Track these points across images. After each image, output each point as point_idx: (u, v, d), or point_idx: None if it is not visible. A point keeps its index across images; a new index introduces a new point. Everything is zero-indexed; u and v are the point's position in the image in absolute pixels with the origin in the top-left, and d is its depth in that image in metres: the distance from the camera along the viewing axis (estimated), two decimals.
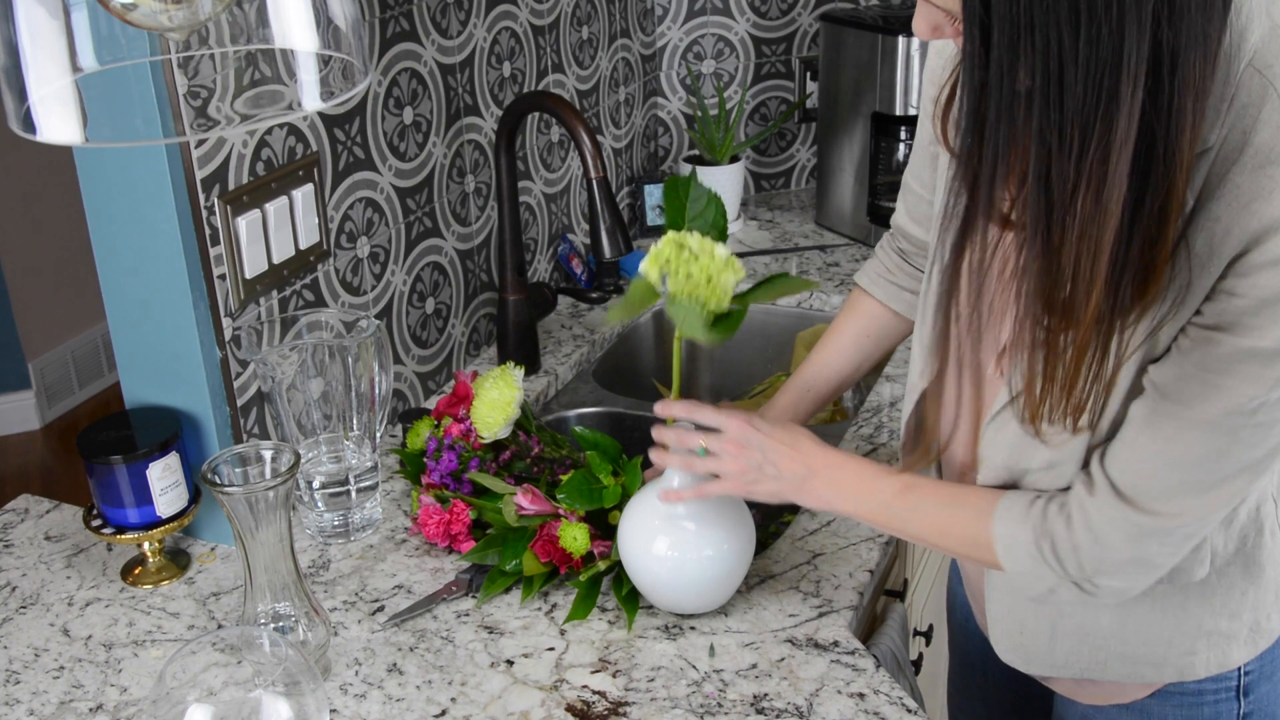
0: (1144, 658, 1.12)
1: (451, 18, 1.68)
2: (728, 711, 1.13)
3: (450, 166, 1.73)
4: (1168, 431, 0.93)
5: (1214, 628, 1.10)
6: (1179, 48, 0.79)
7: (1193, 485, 0.94)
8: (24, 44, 0.75)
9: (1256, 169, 0.84)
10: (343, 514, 1.40)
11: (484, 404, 1.41)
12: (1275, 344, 0.86)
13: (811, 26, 2.44)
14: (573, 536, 1.27)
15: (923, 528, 1.11)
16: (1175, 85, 0.80)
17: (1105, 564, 0.99)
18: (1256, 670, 1.14)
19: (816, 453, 1.15)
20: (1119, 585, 1.01)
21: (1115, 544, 0.98)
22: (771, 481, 1.16)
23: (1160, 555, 0.98)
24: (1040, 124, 0.81)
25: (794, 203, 2.49)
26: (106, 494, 1.31)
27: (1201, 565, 1.06)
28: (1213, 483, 0.94)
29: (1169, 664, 1.12)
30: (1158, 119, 0.80)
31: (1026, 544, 1.02)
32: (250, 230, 1.34)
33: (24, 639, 1.27)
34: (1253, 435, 0.91)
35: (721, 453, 1.16)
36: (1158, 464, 0.94)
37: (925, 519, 1.10)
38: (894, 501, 1.11)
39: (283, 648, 1.00)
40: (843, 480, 1.14)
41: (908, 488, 1.11)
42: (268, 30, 0.81)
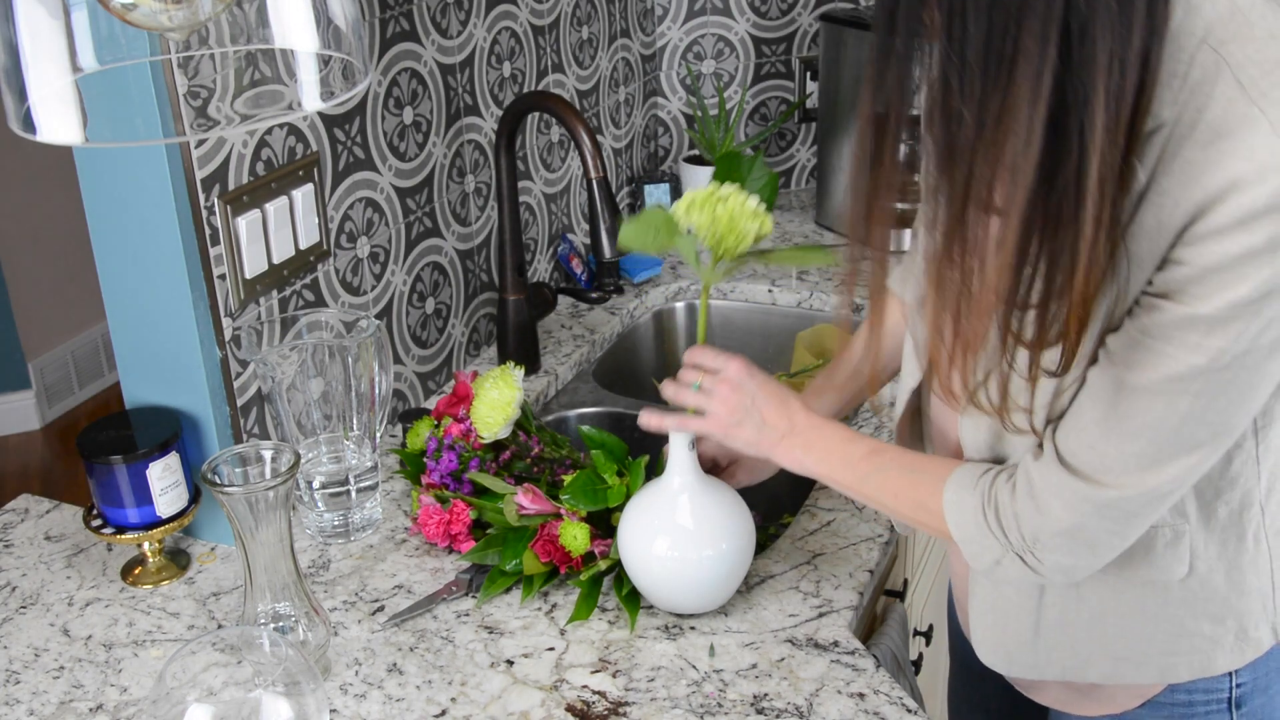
0: (1125, 657, 1.11)
1: (451, 18, 1.68)
2: (728, 711, 1.13)
3: (450, 166, 1.73)
4: (1110, 397, 0.93)
5: (1196, 630, 1.09)
6: (1091, 18, 0.80)
7: (1132, 456, 0.94)
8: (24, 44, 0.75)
9: (1206, 144, 0.85)
10: (343, 514, 1.40)
11: (484, 404, 1.41)
12: (1216, 311, 0.86)
13: (811, 26, 2.44)
14: (573, 536, 1.27)
15: (880, 489, 1.12)
16: (1085, 54, 0.81)
17: (1044, 533, 0.99)
18: (1250, 683, 1.13)
19: (801, 414, 1.17)
20: (1062, 561, 1.00)
21: (1054, 512, 0.97)
22: (753, 430, 1.18)
23: (1101, 530, 0.97)
24: (944, 60, 0.83)
25: (794, 203, 2.49)
26: (106, 494, 1.31)
27: (1180, 563, 1.05)
28: (1152, 456, 0.93)
29: (1150, 664, 1.11)
30: (1071, 86, 0.81)
31: (973, 510, 1.02)
32: (250, 230, 1.34)
33: (24, 639, 1.27)
34: (1191, 408, 0.90)
35: (714, 391, 1.19)
36: (1098, 431, 0.94)
37: (884, 482, 1.11)
38: (859, 463, 1.13)
39: (283, 648, 1.00)
40: (818, 440, 1.16)
41: (875, 451, 1.13)
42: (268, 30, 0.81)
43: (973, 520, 1.03)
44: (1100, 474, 0.95)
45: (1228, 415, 0.92)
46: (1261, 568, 1.08)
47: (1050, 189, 0.85)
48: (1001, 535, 1.01)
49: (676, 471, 1.21)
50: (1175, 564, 1.05)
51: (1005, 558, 1.02)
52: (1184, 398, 0.90)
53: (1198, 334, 0.87)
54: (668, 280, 2.12)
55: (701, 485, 1.22)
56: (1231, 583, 1.07)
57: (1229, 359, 0.88)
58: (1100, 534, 0.98)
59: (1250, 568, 1.07)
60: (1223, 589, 1.07)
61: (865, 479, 1.13)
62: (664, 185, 2.30)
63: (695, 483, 1.21)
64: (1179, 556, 1.05)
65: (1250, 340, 0.87)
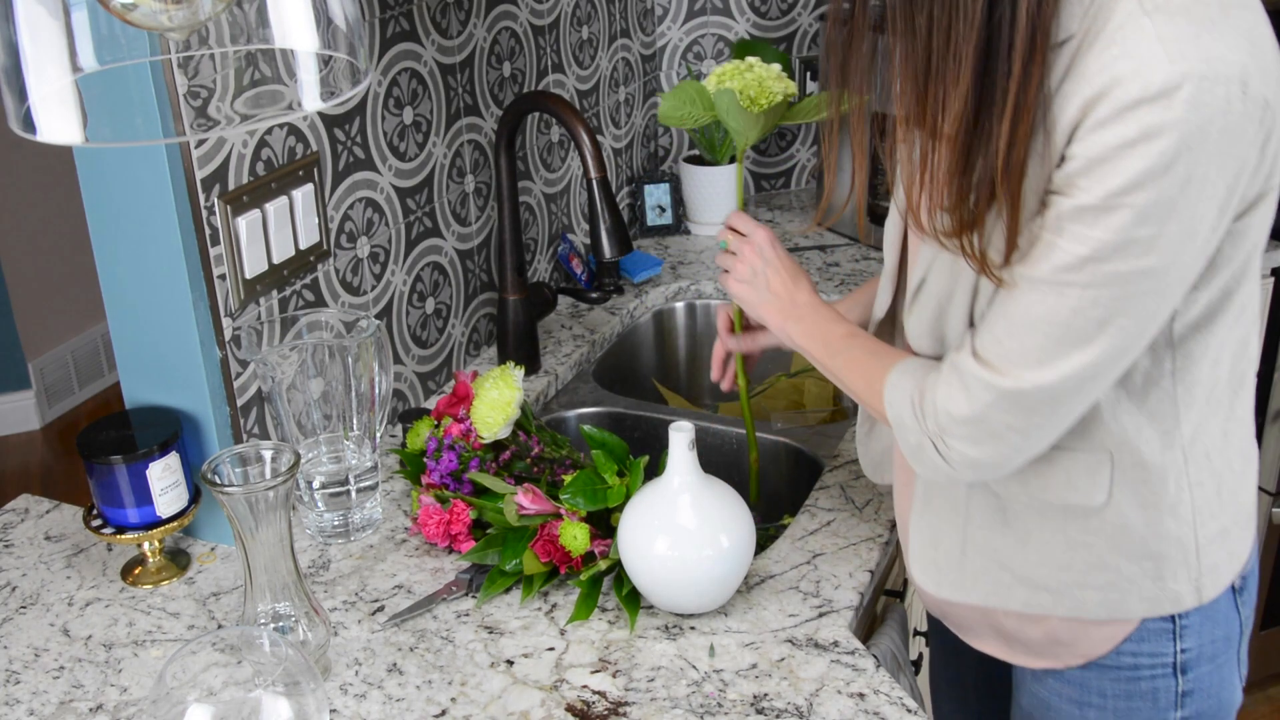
0: (1043, 585, 1.14)
1: (451, 18, 1.68)
2: (728, 711, 1.13)
3: (450, 166, 1.73)
4: (1013, 292, 0.99)
5: (1113, 565, 1.11)
6: None
7: (1030, 349, 0.99)
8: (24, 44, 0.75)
9: (1102, 50, 0.92)
10: (343, 514, 1.40)
11: (484, 404, 1.41)
12: (1096, 201, 0.92)
13: (811, 26, 2.44)
14: (573, 535, 1.27)
15: (843, 365, 1.20)
16: None
17: (952, 420, 1.04)
18: (1194, 649, 1.15)
19: (805, 293, 1.28)
20: (968, 451, 1.05)
21: (961, 400, 1.03)
22: (759, 292, 1.30)
23: (1000, 423, 1.02)
24: None
25: (794, 203, 2.49)
26: (106, 494, 1.31)
27: (1099, 491, 1.09)
28: (1047, 349, 0.98)
29: (1065, 595, 1.14)
30: None
31: (907, 392, 1.09)
32: (250, 230, 1.34)
33: (24, 639, 1.27)
34: (1079, 301, 0.95)
35: (739, 250, 1.32)
36: (1004, 325, 1.00)
37: (848, 359, 1.20)
38: (835, 340, 1.22)
39: (283, 648, 1.00)
40: (808, 316, 1.26)
41: (851, 334, 1.22)
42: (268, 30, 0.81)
43: (903, 402, 1.10)
44: (1001, 364, 1.01)
45: (1114, 311, 0.96)
46: (1182, 516, 1.10)
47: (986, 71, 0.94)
48: (922, 418, 1.07)
49: (676, 471, 1.22)
50: (1094, 491, 1.09)
51: (923, 443, 1.08)
52: (1072, 290, 0.95)
53: (1082, 225, 0.93)
54: (668, 280, 2.12)
55: (701, 485, 1.22)
56: (1148, 522, 1.10)
57: (1110, 251, 0.93)
58: (1000, 426, 1.03)
59: (1169, 513, 1.09)
60: (1140, 528, 1.10)
61: (835, 354, 1.22)
62: (664, 185, 2.30)
63: (695, 483, 1.21)
64: (1098, 485, 1.09)
65: (1127, 232, 0.92)
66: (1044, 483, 1.10)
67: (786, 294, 1.28)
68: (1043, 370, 0.99)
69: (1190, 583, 1.12)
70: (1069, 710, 1.20)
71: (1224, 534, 1.13)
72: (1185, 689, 1.16)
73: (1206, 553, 1.12)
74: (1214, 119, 0.89)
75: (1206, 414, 1.08)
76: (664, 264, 2.17)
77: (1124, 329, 0.97)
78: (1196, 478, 1.09)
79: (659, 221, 2.31)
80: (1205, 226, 0.94)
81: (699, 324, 2.13)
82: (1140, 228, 0.92)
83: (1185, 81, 0.88)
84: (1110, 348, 0.98)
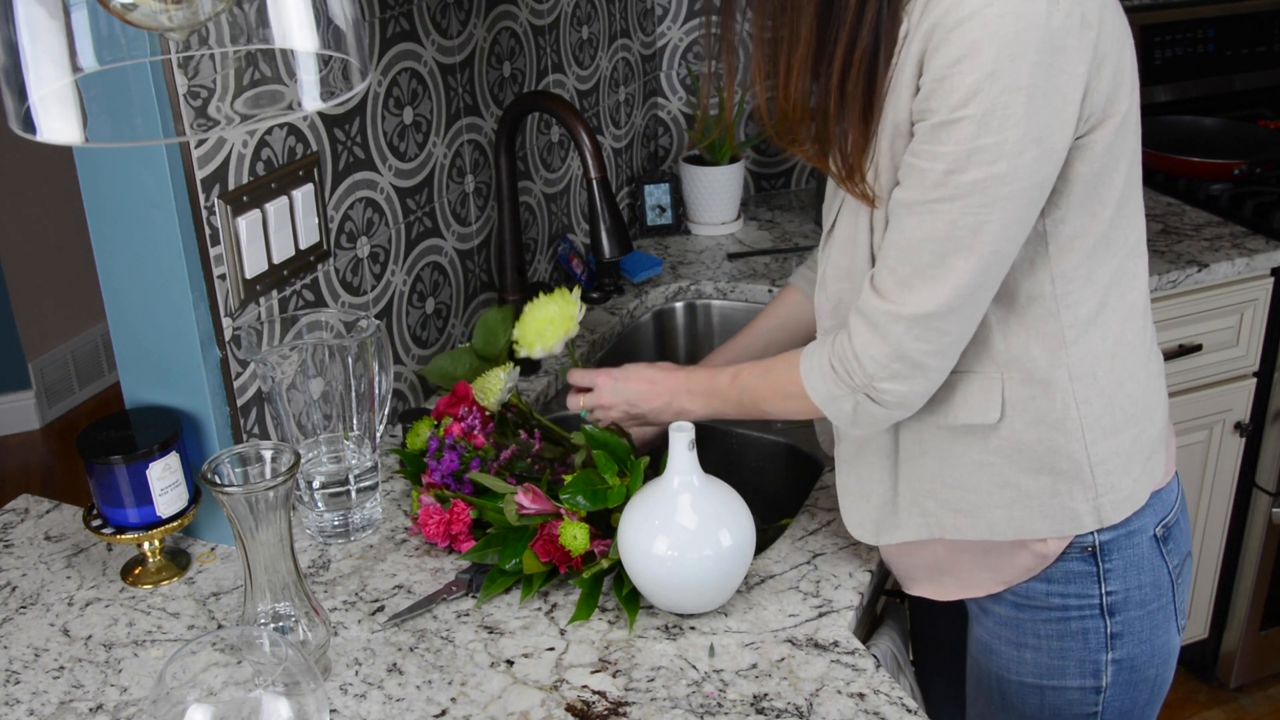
0: (957, 506, 1.22)
1: (451, 18, 1.68)
2: (728, 711, 1.13)
3: (450, 166, 1.73)
4: (896, 220, 1.09)
5: (1015, 482, 1.19)
6: None
7: (923, 269, 1.08)
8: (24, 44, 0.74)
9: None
10: (343, 514, 1.40)
11: (539, 320, 1.44)
12: (943, 117, 1.02)
13: None
14: (572, 535, 1.27)
15: (753, 400, 1.28)
16: None
17: (876, 361, 1.12)
18: (1120, 593, 1.23)
19: (672, 379, 1.37)
20: (899, 389, 1.13)
21: (877, 342, 1.12)
22: (645, 417, 1.39)
23: (920, 351, 1.11)
24: None
25: (794, 203, 2.49)
26: (106, 494, 1.31)
27: (992, 409, 1.17)
28: (937, 265, 1.07)
29: (978, 516, 1.21)
30: None
31: (823, 368, 1.18)
32: (250, 230, 1.34)
33: (24, 639, 1.27)
34: (951, 212, 1.05)
35: (597, 408, 1.41)
36: (895, 254, 1.10)
37: (753, 392, 1.28)
38: (728, 390, 1.31)
39: (283, 648, 1.00)
40: (695, 390, 1.35)
41: (735, 375, 1.31)
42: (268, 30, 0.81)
43: (823, 377, 1.18)
44: (899, 293, 1.10)
45: (982, 219, 1.05)
46: (1071, 431, 1.17)
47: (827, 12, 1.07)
48: (848, 378, 1.15)
49: (676, 471, 1.22)
50: (988, 408, 1.17)
51: (857, 401, 1.16)
52: (941, 205, 1.05)
53: (935, 143, 1.04)
54: (668, 280, 2.12)
55: (701, 485, 1.22)
56: (1040, 438, 1.17)
57: (962, 161, 1.03)
58: (921, 355, 1.11)
59: (1057, 428, 1.17)
60: (1033, 443, 1.17)
61: (738, 401, 1.30)
62: (664, 185, 2.30)
63: (695, 483, 1.21)
64: (990, 402, 1.17)
65: (972, 141, 1.02)
66: (948, 406, 1.18)
67: (662, 399, 1.36)
68: (937, 286, 1.08)
69: (1088, 502, 1.19)
70: (1008, 651, 1.28)
71: (1122, 457, 1.19)
72: (1114, 631, 1.24)
73: (1101, 473, 1.18)
74: (1029, 30, 0.99)
75: (1093, 335, 1.16)
76: (664, 264, 2.17)
77: (995, 234, 1.06)
78: (1083, 395, 1.16)
79: (659, 221, 2.31)
80: (1047, 134, 1.03)
81: (699, 324, 2.13)
82: (982, 136, 1.02)
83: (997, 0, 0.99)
84: (988, 253, 1.07)
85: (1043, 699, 1.28)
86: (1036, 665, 1.26)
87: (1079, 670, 1.25)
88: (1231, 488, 2.35)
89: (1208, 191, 2.33)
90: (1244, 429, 2.27)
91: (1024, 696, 1.29)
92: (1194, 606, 2.45)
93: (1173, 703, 2.53)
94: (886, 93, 1.08)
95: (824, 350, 1.18)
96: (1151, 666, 1.26)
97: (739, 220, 2.34)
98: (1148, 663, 1.26)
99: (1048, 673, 1.26)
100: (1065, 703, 1.27)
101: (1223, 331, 2.18)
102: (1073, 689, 1.26)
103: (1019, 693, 1.29)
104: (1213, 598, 2.46)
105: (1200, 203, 2.34)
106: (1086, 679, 1.25)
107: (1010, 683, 1.29)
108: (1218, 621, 2.50)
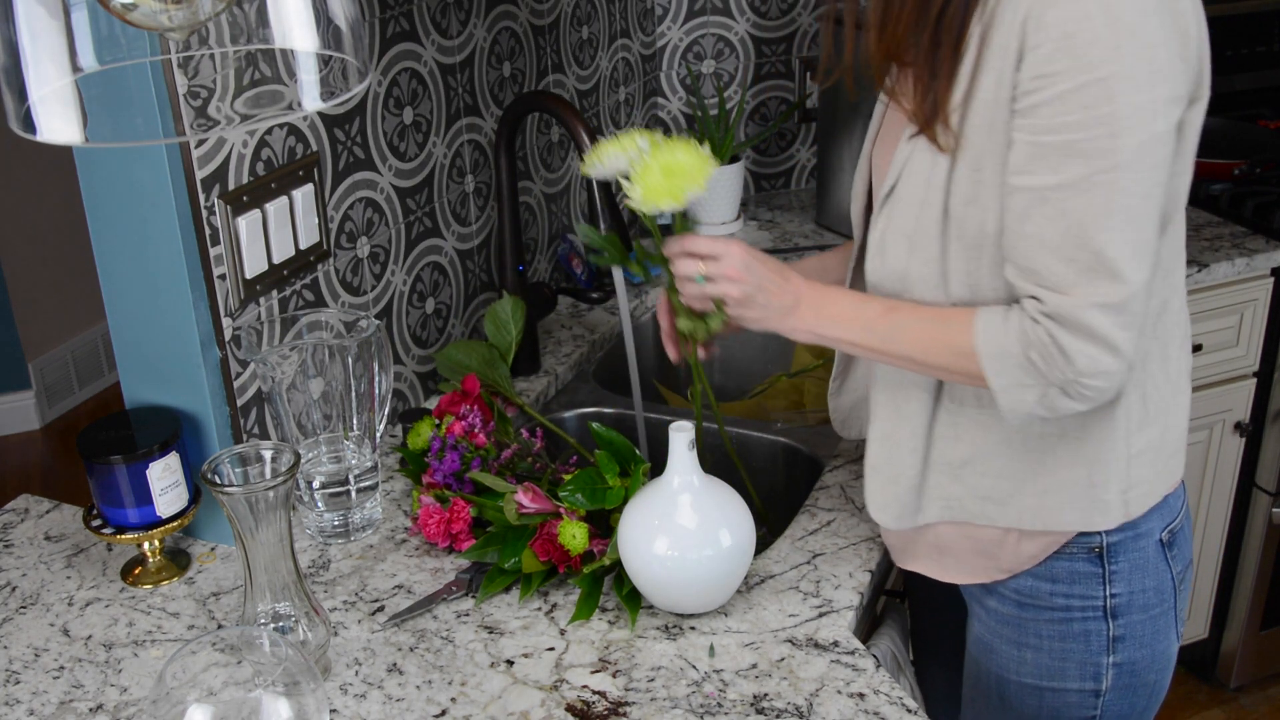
0: (989, 494, 1.20)
1: (451, 18, 1.68)
2: (728, 711, 1.13)
3: (450, 166, 1.73)
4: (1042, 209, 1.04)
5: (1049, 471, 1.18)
6: None
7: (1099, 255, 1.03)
8: (24, 44, 0.74)
9: None
10: (343, 514, 1.40)
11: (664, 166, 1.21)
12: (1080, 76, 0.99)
13: (811, 26, 2.44)
14: (571, 535, 1.27)
15: (907, 344, 1.16)
16: None
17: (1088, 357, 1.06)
18: (1124, 595, 1.22)
19: (804, 285, 1.22)
20: (1102, 385, 1.07)
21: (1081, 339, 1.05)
22: (760, 309, 1.21)
23: (1125, 340, 1.06)
24: None
25: (794, 203, 2.49)
26: (106, 494, 1.31)
27: None
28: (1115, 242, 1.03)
29: (1010, 505, 1.20)
30: None
31: (1014, 354, 1.09)
32: (250, 230, 1.34)
33: (24, 639, 1.27)
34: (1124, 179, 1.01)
35: (720, 278, 1.21)
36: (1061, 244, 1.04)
37: (910, 336, 1.15)
38: (877, 323, 1.17)
39: (283, 648, 1.00)
40: (829, 308, 1.20)
41: (890, 309, 1.17)
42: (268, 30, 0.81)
43: (1016, 364, 1.09)
44: (1089, 282, 1.04)
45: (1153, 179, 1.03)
46: (1117, 422, 1.16)
47: None
48: (1047, 372, 1.07)
49: (677, 471, 1.21)
50: None
51: (1046, 392, 1.09)
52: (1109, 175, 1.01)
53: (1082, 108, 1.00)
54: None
55: (701, 485, 1.22)
56: (1085, 426, 1.16)
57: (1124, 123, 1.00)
58: (1125, 343, 1.06)
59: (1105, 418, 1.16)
60: (1077, 432, 1.16)
61: (889, 338, 1.16)
62: None
63: (695, 483, 1.21)
64: None
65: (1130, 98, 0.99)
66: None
67: (791, 296, 1.21)
68: (1129, 264, 1.03)
69: (1119, 494, 1.18)
70: (1009, 651, 1.28)
71: (1153, 451, 1.19)
72: (1117, 634, 1.23)
73: (1135, 464, 1.18)
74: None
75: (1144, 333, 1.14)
76: None
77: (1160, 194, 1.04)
78: (1130, 384, 1.15)
79: (659, 222, 2.31)
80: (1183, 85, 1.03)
81: None
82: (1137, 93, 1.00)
83: None
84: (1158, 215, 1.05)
85: (1041, 700, 1.27)
86: (1037, 666, 1.26)
87: (1079, 672, 1.25)
88: (1231, 488, 2.35)
89: (1208, 191, 2.33)
90: (1244, 429, 2.27)
91: (1023, 697, 1.28)
92: (1194, 606, 2.45)
93: (1172, 703, 2.53)
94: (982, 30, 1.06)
95: (1015, 334, 1.09)
96: (1151, 671, 1.26)
97: (739, 220, 2.34)
98: (1148, 667, 1.26)
99: (1048, 674, 1.26)
100: (1064, 705, 1.27)
101: (1223, 331, 2.18)
102: (1072, 691, 1.26)
103: (1018, 693, 1.29)
104: (1213, 598, 2.46)
105: (1200, 203, 2.34)
106: (1087, 681, 1.25)
107: (1010, 683, 1.29)
108: (1218, 621, 2.50)
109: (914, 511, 1.25)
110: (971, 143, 1.08)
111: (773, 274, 1.21)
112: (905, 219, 1.14)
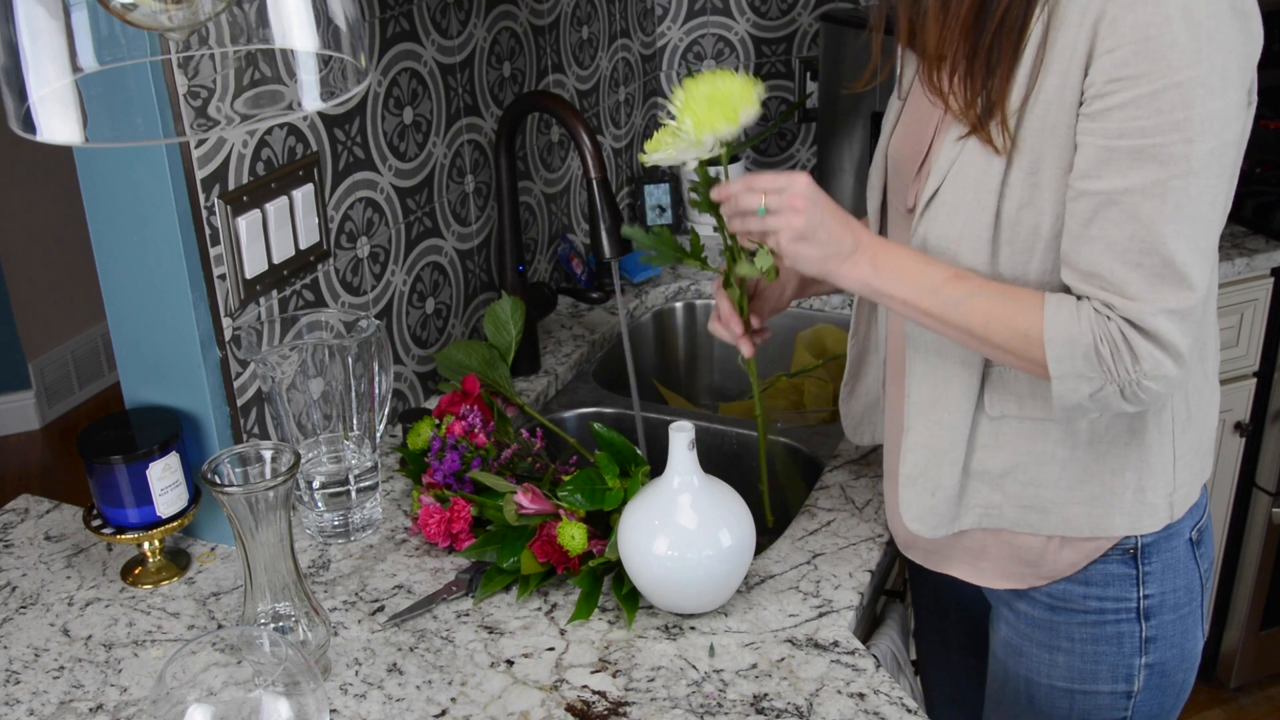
0: (1033, 502, 1.18)
1: (451, 18, 1.68)
2: (728, 711, 1.13)
3: (450, 166, 1.73)
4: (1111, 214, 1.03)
5: (1096, 478, 1.16)
6: None
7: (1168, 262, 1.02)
8: (24, 44, 0.74)
9: None
10: (343, 514, 1.40)
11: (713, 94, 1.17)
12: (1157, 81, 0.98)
13: (811, 26, 2.44)
14: (570, 535, 1.27)
15: (971, 315, 1.10)
16: None
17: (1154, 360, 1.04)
18: (1157, 596, 1.21)
19: (866, 233, 1.15)
20: (1160, 390, 1.06)
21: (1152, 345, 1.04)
22: (819, 246, 1.13)
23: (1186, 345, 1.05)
24: None
25: None
26: (106, 494, 1.31)
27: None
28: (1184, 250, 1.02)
29: (1055, 513, 1.18)
30: None
31: (1083, 343, 1.06)
32: (250, 230, 1.34)
33: (24, 639, 1.27)
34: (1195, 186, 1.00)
35: (784, 208, 1.13)
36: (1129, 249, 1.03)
37: (973, 308, 1.09)
38: (943, 287, 1.10)
39: (283, 648, 1.00)
40: (890, 261, 1.13)
41: (958, 276, 1.11)
42: (268, 30, 0.81)
43: (1083, 354, 1.06)
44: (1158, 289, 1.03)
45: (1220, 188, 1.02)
46: (1164, 426, 1.16)
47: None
48: (1114, 368, 1.05)
49: (677, 471, 1.22)
50: None
51: (1104, 387, 1.06)
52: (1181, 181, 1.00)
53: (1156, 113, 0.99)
54: (668, 280, 2.12)
55: (701, 485, 1.22)
56: (1132, 430, 1.15)
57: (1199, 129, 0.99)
58: (1187, 349, 1.05)
59: (1153, 423, 1.15)
60: (1124, 437, 1.15)
61: (952, 304, 1.10)
62: (664, 185, 2.30)
63: (695, 483, 1.21)
64: None
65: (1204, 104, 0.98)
66: (1034, 400, 1.14)
67: (853, 239, 1.13)
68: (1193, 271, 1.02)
69: (1165, 498, 1.17)
70: (1040, 654, 1.25)
71: (1193, 452, 1.19)
72: (1149, 635, 1.22)
73: (1180, 466, 1.18)
74: None
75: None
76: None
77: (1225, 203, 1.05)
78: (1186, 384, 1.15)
79: (659, 221, 2.31)
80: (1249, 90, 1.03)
81: (699, 324, 2.13)
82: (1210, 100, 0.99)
83: None
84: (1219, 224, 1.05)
85: (1072, 703, 1.25)
86: (1069, 669, 1.24)
87: (1111, 674, 1.23)
88: (1231, 488, 2.35)
89: None
90: (1244, 429, 2.27)
91: (1053, 700, 1.26)
92: None
93: None
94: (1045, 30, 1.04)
95: (1087, 324, 1.06)
96: (1180, 671, 1.25)
97: None
98: (1177, 667, 1.24)
99: (1079, 676, 1.24)
100: (1095, 707, 1.24)
101: (1223, 332, 2.18)
102: (1104, 693, 1.24)
103: (1048, 696, 1.26)
104: (1213, 598, 2.46)
105: None
106: (1119, 683, 1.23)
107: (1040, 686, 1.26)
108: (1218, 621, 2.50)
109: (950, 520, 1.23)
110: (1029, 145, 1.06)
111: (837, 213, 1.14)
112: (951, 223, 1.12)
